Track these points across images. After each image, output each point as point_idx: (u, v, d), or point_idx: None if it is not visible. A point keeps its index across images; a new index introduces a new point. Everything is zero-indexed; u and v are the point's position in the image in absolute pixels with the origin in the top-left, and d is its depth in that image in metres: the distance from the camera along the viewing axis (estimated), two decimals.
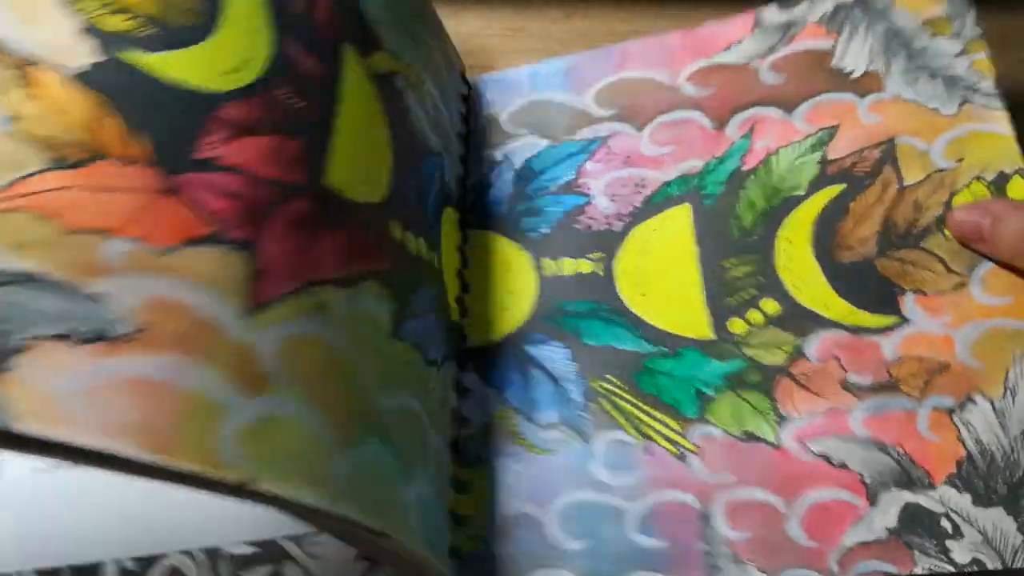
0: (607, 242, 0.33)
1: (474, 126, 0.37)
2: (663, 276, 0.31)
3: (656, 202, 0.33)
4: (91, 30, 0.19)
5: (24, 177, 0.17)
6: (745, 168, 0.32)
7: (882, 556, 0.24)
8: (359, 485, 0.20)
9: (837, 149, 0.31)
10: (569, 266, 0.33)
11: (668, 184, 0.33)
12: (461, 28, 0.44)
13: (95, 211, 0.17)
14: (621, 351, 0.30)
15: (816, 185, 0.30)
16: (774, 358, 0.28)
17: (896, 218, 0.29)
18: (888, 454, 0.25)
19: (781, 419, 0.27)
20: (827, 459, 0.26)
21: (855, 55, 0.32)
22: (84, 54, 0.19)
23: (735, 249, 0.30)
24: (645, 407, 0.29)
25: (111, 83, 0.19)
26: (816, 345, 0.28)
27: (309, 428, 0.19)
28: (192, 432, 0.17)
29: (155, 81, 0.20)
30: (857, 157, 0.30)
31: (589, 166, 0.35)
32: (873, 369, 0.26)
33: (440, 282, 0.29)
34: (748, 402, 0.28)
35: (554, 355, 0.31)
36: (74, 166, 0.18)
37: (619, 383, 0.30)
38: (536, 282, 0.33)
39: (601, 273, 0.32)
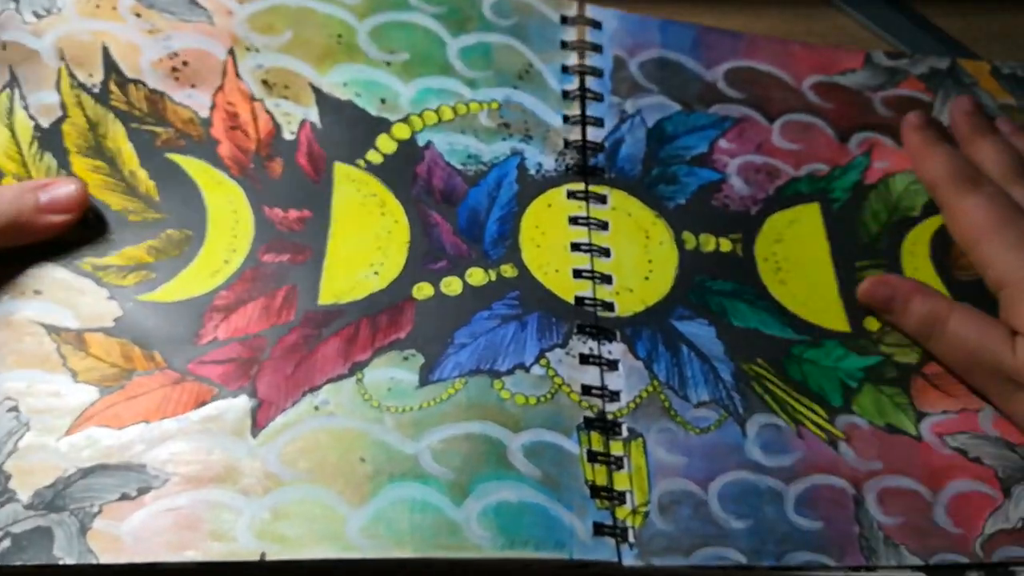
0: (744, 224, 0.33)
1: (598, 63, 0.35)
2: (799, 266, 0.32)
3: (787, 194, 0.34)
4: (114, 295, 0.28)
5: (88, 407, 0.26)
6: (867, 182, 0.34)
7: (1021, 543, 0.27)
8: (384, 527, 0.24)
9: None
10: (710, 242, 0.32)
11: (798, 180, 0.34)
12: None
13: (134, 412, 0.26)
14: (767, 336, 0.30)
15: (928, 210, 0.34)
16: (908, 357, 0.31)
17: None
18: (1016, 452, 0.29)
19: (919, 414, 0.29)
20: (964, 454, 0.29)
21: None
22: (112, 313, 0.27)
23: (865, 252, 0.33)
24: (794, 393, 0.29)
25: (130, 327, 0.27)
26: None
27: (317, 502, 0.25)
28: (214, 534, 0.24)
29: (161, 307, 0.28)
30: None
31: (723, 143, 0.34)
32: None
33: (526, 281, 0.30)
34: (888, 396, 0.30)
35: (700, 332, 0.30)
36: (117, 388, 0.26)
37: (768, 367, 0.30)
38: (676, 254, 0.32)
39: (740, 254, 0.32)
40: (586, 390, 0.28)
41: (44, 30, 0.30)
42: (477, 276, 0.30)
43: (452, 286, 0.29)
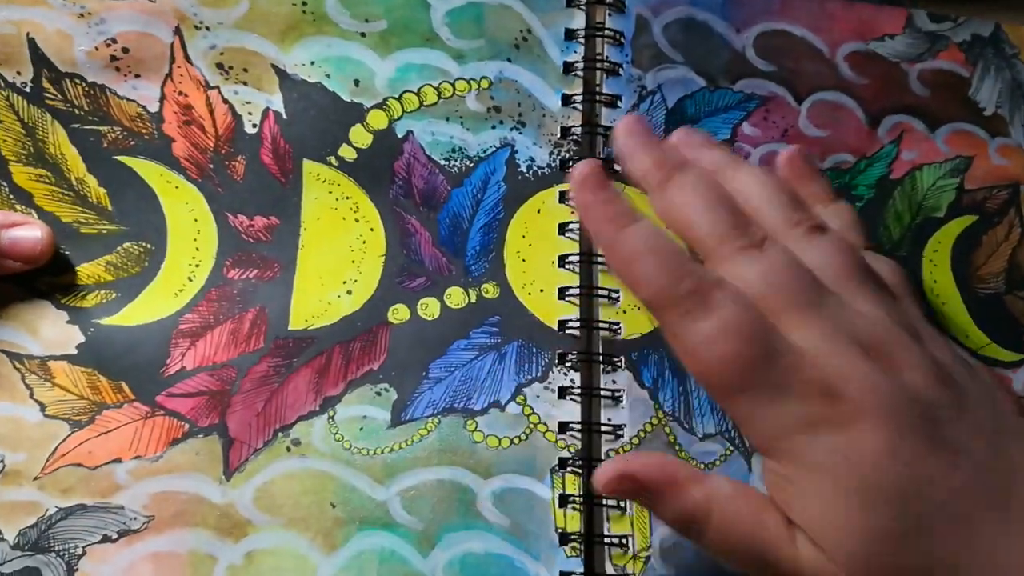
0: None
1: (618, 24, 0.30)
2: None
3: None
4: (74, 318, 0.26)
5: (59, 444, 0.25)
6: (892, 177, 0.31)
7: None
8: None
9: (972, 180, 0.32)
10: None
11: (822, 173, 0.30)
12: None
13: (106, 450, 0.25)
14: None
15: (953, 211, 0.31)
16: None
17: (1020, 259, 0.31)
18: None
19: None
20: None
21: (987, 93, 0.33)
22: (73, 339, 0.26)
23: None
24: None
25: (94, 355, 0.26)
26: None
27: (289, 548, 0.25)
28: None
29: (124, 332, 0.26)
30: (988, 193, 0.32)
31: (747, 128, 0.30)
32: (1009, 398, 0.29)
33: (508, 302, 0.27)
34: None
35: None
36: (87, 424, 0.25)
37: None
38: None
39: None
40: (563, 428, 0.26)
41: None
42: (456, 297, 0.27)
43: (429, 308, 0.27)
